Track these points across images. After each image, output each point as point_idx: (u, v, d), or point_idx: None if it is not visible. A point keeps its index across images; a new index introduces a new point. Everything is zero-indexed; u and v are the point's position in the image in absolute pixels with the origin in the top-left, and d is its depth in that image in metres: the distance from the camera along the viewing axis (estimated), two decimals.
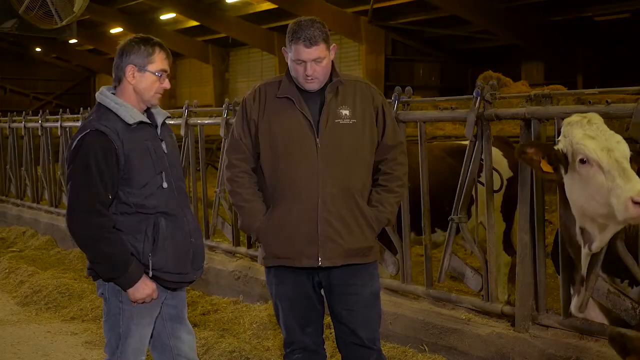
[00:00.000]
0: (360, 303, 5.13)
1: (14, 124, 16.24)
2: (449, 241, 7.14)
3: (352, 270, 5.07)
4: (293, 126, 4.95)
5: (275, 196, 5.00)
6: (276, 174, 4.98)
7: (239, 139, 5.09)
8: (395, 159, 5.16)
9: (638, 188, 4.74)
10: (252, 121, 5.04)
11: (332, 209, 4.93)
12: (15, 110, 17.34)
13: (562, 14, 26.58)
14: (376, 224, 5.10)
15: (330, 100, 4.98)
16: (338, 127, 4.96)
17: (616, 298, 5.54)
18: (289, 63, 4.99)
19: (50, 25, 12.69)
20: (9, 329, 8.70)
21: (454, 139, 14.20)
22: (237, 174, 5.07)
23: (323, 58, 4.91)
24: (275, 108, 5.01)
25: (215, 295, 9.47)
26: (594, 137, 5.02)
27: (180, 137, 10.26)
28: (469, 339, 6.71)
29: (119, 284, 4.75)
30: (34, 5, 12.31)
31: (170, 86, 4.98)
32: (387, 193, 5.12)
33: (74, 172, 4.70)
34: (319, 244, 4.94)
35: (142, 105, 4.86)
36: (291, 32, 4.91)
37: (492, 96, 6.65)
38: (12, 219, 15.79)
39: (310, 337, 5.21)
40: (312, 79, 4.92)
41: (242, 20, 34.42)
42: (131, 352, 4.89)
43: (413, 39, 32.39)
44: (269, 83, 5.14)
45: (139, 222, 4.75)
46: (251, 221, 5.07)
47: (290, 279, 5.10)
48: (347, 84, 5.07)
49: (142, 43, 4.81)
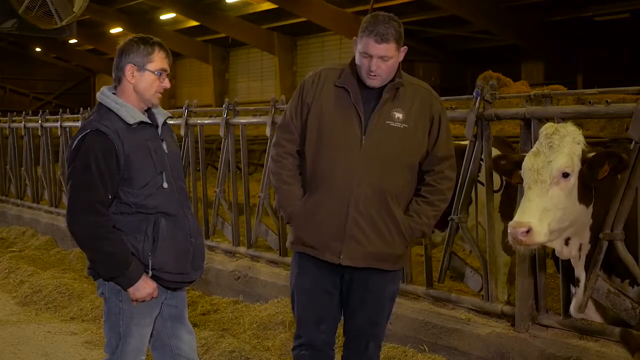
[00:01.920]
0: (375, 302, 5.10)
1: (13, 124, 16.26)
2: (449, 241, 7.14)
3: (372, 273, 5.01)
4: (343, 117, 4.90)
5: (311, 184, 4.98)
6: (317, 161, 4.95)
7: (290, 120, 5.05)
8: (442, 172, 5.03)
9: (514, 220, 4.97)
10: (306, 104, 4.99)
11: (363, 210, 4.87)
12: (15, 110, 17.35)
13: (562, 14, 26.57)
14: (408, 234, 5.00)
15: (386, 100, 4.91)
16: (387, 128, 4.89)
17: (616, 298, 5.54)
18: (356, 53, 4.91)
19: (50, 25, 12.69)
20: (8, 329, 8.70)
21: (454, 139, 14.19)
22: (282, 154, 5.04)
23: (390, 57, 4.85)
24: (330, 95, 4.96)
25: (215, 295, 9.47)
26: (538, 154, 5.08)
27: (180, 137, 10.28)
28: (468, 339, 6.71)
29: (120, 283, 4.75)
30: (34, 5, 12.31)
31: (170, 86, 4.98)
32: (426, 205, 5.01)
33: (74, 172, 4.71)
34: (343, 241, 4.90)
35: (142, 105, 4.86)
36: (365, 24, 4.85)
37: (492, 96, 6.65)
38: (12, 219, 15.80)
39: (323, 335, 5.13)
40: (374, 75, 4.86)
41: (242, 20, 34.39)
42: (131, 351, 4.89)
43: (413, 39, 32.29)
44: (331, 68, 5.08)
45: (139, 222, 4.75)
46: (286, 203, 5.04)
47: (312, 271, 5.06)
48: (408, 86, 5.00)
49: (141, 42, 4.81)
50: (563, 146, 5.04)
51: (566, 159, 5.01)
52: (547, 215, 4.95)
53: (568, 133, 5.10)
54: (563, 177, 5.01)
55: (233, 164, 9.91)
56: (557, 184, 4.99)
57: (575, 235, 5.32)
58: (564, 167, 5.00)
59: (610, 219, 5.46)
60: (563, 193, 5.01)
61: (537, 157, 5.07)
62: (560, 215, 5.01)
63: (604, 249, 5.46)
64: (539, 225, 4.92)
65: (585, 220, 5.25)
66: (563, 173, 5.00)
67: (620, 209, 5.48)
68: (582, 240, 5.38)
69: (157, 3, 34.43)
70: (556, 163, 4.99)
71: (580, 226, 5.25)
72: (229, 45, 39.32)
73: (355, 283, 5.05)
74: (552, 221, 4.97)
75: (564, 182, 5.01)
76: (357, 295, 5.08)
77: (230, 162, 9.91)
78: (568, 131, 5.12)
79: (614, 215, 5.46)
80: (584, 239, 5.37)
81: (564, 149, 5.03)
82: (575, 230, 5.26)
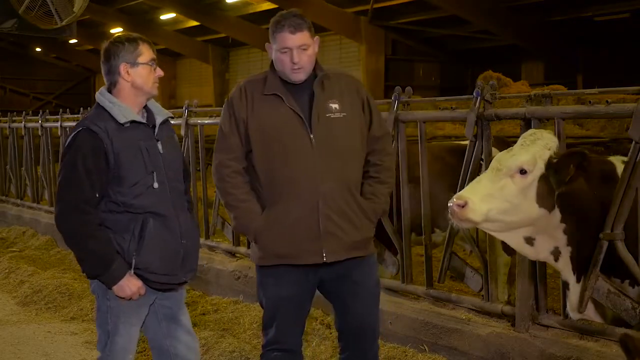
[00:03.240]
0: (365, 292, 5.16)
1: (14, 123, 16.25)
2: (449, 241, 7.13)
3: (352, 263, 5.07)
4: (285, 123, 4.93)
5: (272, 194, 4.97)
6: (272, 172, 4.95)
7: (228, 139, 5.04)
8: (383, 149, 5.20)
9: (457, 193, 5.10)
10: (241, 120, 4.99)
11: (332, 204, 4.92)
12: (15, 110, 17.34)
13: (562, 13, 26.56)
14: (373, 216, 5.13)
15: (318, 94, 4.98)
16: (330, 121, 4.96)
17: (616, 298, 5.53)
18: (274, 56, 4.97)
19: (50, 25, 12.69)
20: (9, 329, 8.70)
21: (454, 139, 14.19)
22: (229, 174, 5.01)
23: (308, 46, 4.92)
24: (263, 105, 4.98)
25: (215, 295, 9.47)
26: (509, 150, 5.19)
27: (180, 137, 10.28)
28: (469, 339, 6.71)
29: (103, 281, 4.78)
30: (34, 5, 12.31)
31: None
32: (379, 184, 5.14)
33: (63, 169, 4.77)
34: (321, 239, 4.93)
35: (142, 100, 4.90)
36: (274, 24, 4.96)
37: (492, 96, 6.65)
38: (12, 219, 15.79)
39: (295, 338, 5.20)
40: (298, 68, 4.91)
41: (242, 20, 34.38)
42: (119, 350, 4.92)
43: (413, 39, 32.37)
44: (252, 80, 5.12)
45: (128, 221, 4.77)
46: (248, 221, 5.02)
47: (288, 278, 5.05)
48: (332, 77, 5.09)
49: (124, 41, 4.86)
50: (531, 147, 5.10)
51: (528, 157, 5.07)
52: (490, 200, 5.01)
53: (542, 138, 5.19)
54: (520, 173, 5.06)
55: None
56: (512, 177, 5.05)
57: (540, 237, 5.30)
58: (523, 163, 5.05)
59: (611, 219, 5.46)
60: (515, 188, 5.05)
61: (508, 152, 5.18)
62: (506, 207, 5.04)
63: (604, 249, 5.45)
64: (477, 204, 4.98)
65: (550, 223, 5.23)
66: (521, 169, 5.05)
67: (620, 209, 5.47)
68: (557, 244, 5.36)
69: (157, 3, 34.41)
70: (517, 158, 5.08)
71: (542, 228, 5.24)
72: (229, 45, 39.30)
73: (339, 279, 5.09)
74: (494, 209, 5.02)
75: (519, 178, 5.05)
76: (346, 289, 5.12)
77: None
78: (543, 136, 5.21)
79: (614, 215, 5.46)
80: (558, 242, 5.35)
81: (531, 149, 5.10)
82: (537, 231, 5.25)
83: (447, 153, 8.22)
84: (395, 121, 7.46)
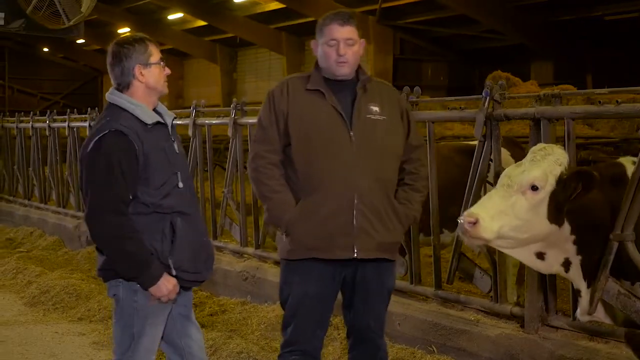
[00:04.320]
0: (377, 298, 5.19)
1: (21, 124, 16.29)
2: (458, 242, 7.10)
3: (379, 265, 5.10)
4: (326, 119, 4.99)
5: (308, 187, 4.98)
6: (310, 165, 4.97)
7: (267, 131, 5.07)
8: (419, 159, 5.28)
9: (468, 210, 4.97)
10: (281, 112, 5.03)
11: (367, 201, 4.95)
12: (22, 111, 17.37)
13: (571, 13, 26.50)
14: (405, 221, 5.17)
15: (360, 95, 5.04)
16: (370, 122, 5.03)
17: (626, 299, 5.49)
18: (320, 52, 5.05)
19: (57, 25, 12.67)
20: (16, 330, 8.70)
21: (463, 139, 14.16)
22: (265, 165, 5.03)
23: (355, 41, 5.01)
24: (305, 100, 5.04)
25: (223, 296, 9.45)
26: (519, 165, 5.10)
27: (187, 137, 10.27)
28: (478, 340, 6.69)
29: (141, 282, 4.75)
30: (42, 5, 12.29)
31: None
32: (413, 192, 5.20)
33: (96, 173, 4.71)
34: (354, 235, 4.94)
35: (154, 100, 4.92)
36: (324, 18, 5.07)
37: (501, 96, 6.63)
38: (19, 219, 15.82)
39: (316, 341, 5.17)
40: (344, 61, 4.97)
41: (250, 20, 34.41)
42: (143, 351, 4.90)
43: (421, 39, 32.36)
44: (297, 77, 5.19)
45: (157, 222, 4.78)
46: (281, 212, 5.02)
47: (316, 275, 5.04)
48: (374, 82, 5.18)
49: (134, 43, 4.87)
50: (543, 162, 5.04)
51: (540, 173, 4.98)
52: (501, 217, 4.93)
53: (553, 153, 5.10)
54: (531, 190, 4.97)
55: (241, 164, 9.88)
56: (523, 193, 4.96)
57: (551, 251, 5.25)
58: (535, 180, 4.96)
59: (621, 220, 5.42)
60: (527, 204, 4.97)
61: (518, 167, 5.08)
62: (518, 224, 4.97)
63: (614, 250, 5.42)
64: (489, 221, 4.90)
65: (561, 237, 5.18)
66: (532, 186, 4.97)
67: (631, 210, 5.44)
68: (567, 255, 5.31)
69: (164, 3, 34.47)
70: (529, 174, 4.98)
71: (553, 243, 5.19)
72: (237, 45, 39.32)
73: (362, 278, 5.10)
74: (506, 226, 4.94)
75: (531, 194, 4.97)
76: (365, 289, 5.12)
77: (238, 162, 9.89)
78: (554, 151, 5.12)
79: (624, 216, 5.43)
80: (568, 253, 5.30)
81: (542, 165, 5.03)
82: (548, 246, 5.20)
83: (456, 153, 8.19)
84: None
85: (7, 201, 17.12)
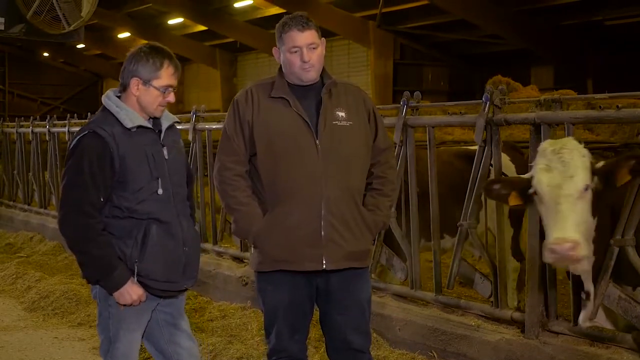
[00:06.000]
0: (354, 309, 5.08)
1: (21, 129, 16.29)
2: (458, 247, 7.09)
3: (350, 274, 5.01)
4: (291, 127, 4.89)
5: (274, 198, 4.92)
6: (276, 175, 4.90)
7: (232, 141, 4.98)
8: (387, 162, 5.17)
9: (555, 236, 4.81)
10: (246, 122, 4.94)
11: (335, 211, 4.87)
12: (22, 115, 17.36)
13: (572, 17, 26.49)
14: (374, 228, 5.09)
15: (326, 101, 4.94)
16: (336, 128, 4.92)
17: (627, 304, 5.49)
18: (283, 59, 4.94)
19: (58, 30, 12.68)
20: (16, 335, 8.69)
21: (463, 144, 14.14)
22: (232, 176, 4.96)
23: (317, 45, 4.91)
24: (270, 108, 4.94)
25: (223, 301, 9.43)
26: (550, 170, 4.97)
27: (187, 142, 10.26)
28: (478, 346, 6.67)
29: (104, 286, 4.76)
30: (42, 10, 12.31)
31: (177, 97, 4.98)
32: (382, 197, 5.11)
33: (67, 173, 4.74)
34: (322, 246, 4.87)
35: (144, 115, 4.85)
36: (281, 25, 4.97)
37: (502, 101, 6.62)
38: (19, 224, 15.81)
39: (298, 344, 5.12)
40: (309, 66, 4.88)
41: (250, 24, 34.43)
42: (120, 356, 4.90)
43: (422, 44, 32.34)
44: (260, 84, 5.08)
45: (131, 226, 4.74)
46: (248, 225, 4.96)
47: (287, 284, 4.99)
48: (339, 85, 5.07)
49: (151, 55, 4.78)
50: (577, 160, 4.95)
51: (586, 172, 4.92)
52: (580, 229, 4.87)
53: (575, 147, 5.03)
54: (584, 191, 4.92)
55: None
56: (582, 197, 4.90)
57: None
58: (586, 180, 4.91)
59: (621, 224, 5.42)
60: (586, 207, 4.93)
61: (551, 172, 4.96)
62: (585, 228, 4.94)
63: (615, 255, 5.41)
64: (581, 238, 4.84)
65: (591, 233, 5.16)
66: (585, 187, 4.91)
67: (631, 214, 5.44)
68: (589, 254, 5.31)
69: (165, 8, 34.51)
70: (580, 177, 4.89)
71: (589, 239, 5.16)
72: (237, 50, 39.32)
73: (334, 289, 5.02)
74: (584, 233, 4.91)
75: (585, 195, 4.93)
76: (339, 300, 5.04)
77: None
78: (574, 145, 5.05)
79: (624, 221, 5.42)
80: (589, 252, 5.29)
81: (577, 163, 4.94)
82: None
83: (456, 158, 8.18)
84: (403, 126, 7.43)
85: (7, 206, 17.11)
